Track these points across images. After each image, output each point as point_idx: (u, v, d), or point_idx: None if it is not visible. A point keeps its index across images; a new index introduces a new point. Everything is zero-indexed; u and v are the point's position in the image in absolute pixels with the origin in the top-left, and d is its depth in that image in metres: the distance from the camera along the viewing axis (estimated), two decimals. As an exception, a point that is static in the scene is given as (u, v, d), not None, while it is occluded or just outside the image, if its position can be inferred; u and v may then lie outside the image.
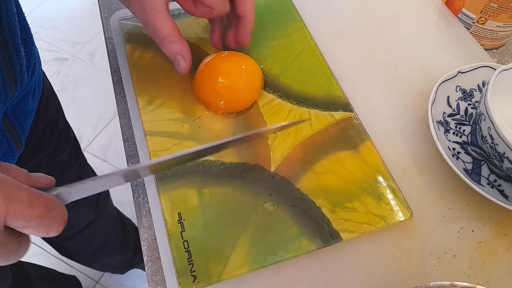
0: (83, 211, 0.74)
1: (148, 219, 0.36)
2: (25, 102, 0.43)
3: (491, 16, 0.48)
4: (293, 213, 0.35)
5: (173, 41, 0.36)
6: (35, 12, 1.65)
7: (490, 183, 0.38)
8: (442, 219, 0.37)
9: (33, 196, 0.22)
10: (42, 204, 0.22)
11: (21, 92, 0.41)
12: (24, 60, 0.38)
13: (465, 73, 0.42)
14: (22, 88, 0.40)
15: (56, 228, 0.23)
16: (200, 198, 0.35)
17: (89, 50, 1.54)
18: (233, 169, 0.37)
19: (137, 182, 0.38)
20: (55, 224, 0.23)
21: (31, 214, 0.22)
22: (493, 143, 0.35)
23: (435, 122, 0.39)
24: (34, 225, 0.22)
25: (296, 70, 0.44)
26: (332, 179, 0.37)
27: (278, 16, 0.48)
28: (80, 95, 1.42)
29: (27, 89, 0.43)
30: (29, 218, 0.22)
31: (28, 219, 0.22)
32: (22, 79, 0.39)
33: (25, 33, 0.40)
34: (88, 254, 0.87)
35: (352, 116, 0.41)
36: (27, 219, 0.22)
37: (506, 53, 0.53)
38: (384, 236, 0.35)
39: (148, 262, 0.34)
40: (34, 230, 0.23)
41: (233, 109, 0.40)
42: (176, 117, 0.39)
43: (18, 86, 0.38)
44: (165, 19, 0.35)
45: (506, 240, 0.36)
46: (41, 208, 0.22)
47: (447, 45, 0.49)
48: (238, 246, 0.33)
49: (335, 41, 0.48)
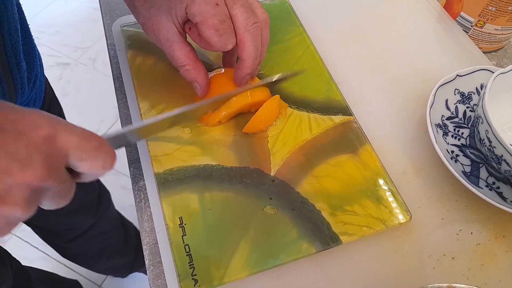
0: (84, 215, 0.75)
1: (150, 224, 0.36)
2: None
3: (489, 20, 0.49)
4: (293, 217, 0.35)
5: (188, 69, 0.36)
6: (37, 18, 1.66)
7: (489, 185, 0.38)
8: (441, 221, 0.37)
9: (86, 131, 0.24)
10: (95, 138, 0.25)
11: (21, 103, 0.41)
12: (25, 73, 0.39)
13: (463, 76, 0.43)
14: (22, 99, 0.41)
15: (110, 163, 0.25)
16: (201, 202, 0.35)
17: (91, 55, 1.55)
18: (234, 174, 0.37)
19: (139, 186, 0.38)
20: (108, 159, 0.25)
21: (88, 146, 0.24)
22: (491, 146, 0.35)
23: (434, 125, 0.40)
24: (91, 157, 0.24)
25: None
26: (332, 182, 0.37)
27: (278, 21, 0.49)
28: (82, 99, 1.43)
29: (28, 99, 0.43)
30: (87, 150, 0.24)
31: (86, 150, 0.24)
32: (23, 91, 0.39)
33: (29, 46, 0.41)
34: (89, 256, 0.88)
35: (351, 120, 0.41)
36: (86, 151, 0.24)
37: (504, 56, 0.53)
38: (384, 239, 0.36)
39: (150, 266, 0.34)
40: (92, 164, 0.25)
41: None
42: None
43: (18, 98, 0.39)
44: (179, 49, 0.35)
45: (505, 242, 0.36)
46: (95, 142, 0.25)
47: (445, 49, 0.50)
48: (238, 250, 0.33)
49: (334, 45, 0.49)
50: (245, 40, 0.34)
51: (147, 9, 0.35)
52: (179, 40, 0.35)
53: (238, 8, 0.34)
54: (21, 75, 0.38)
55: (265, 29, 0.36)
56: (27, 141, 0.21)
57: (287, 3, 0.51)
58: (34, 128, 0.22)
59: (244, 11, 0.34)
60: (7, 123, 0.21)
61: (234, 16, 0.34)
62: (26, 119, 0.22)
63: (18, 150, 0.21)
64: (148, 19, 0.35)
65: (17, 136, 0.21)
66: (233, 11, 0.34)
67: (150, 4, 0.35)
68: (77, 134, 0.24)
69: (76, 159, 0.24)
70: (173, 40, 0.35)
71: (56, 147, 0.22)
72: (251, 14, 0.34)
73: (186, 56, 0.35)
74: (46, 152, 0.22)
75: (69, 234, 0.78)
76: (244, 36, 0.34)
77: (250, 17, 0.34)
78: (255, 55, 0.35)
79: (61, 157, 0.23)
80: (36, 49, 0.43)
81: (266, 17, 0.36)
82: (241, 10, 0.34)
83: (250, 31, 0.34)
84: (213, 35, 0.33)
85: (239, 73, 0.36)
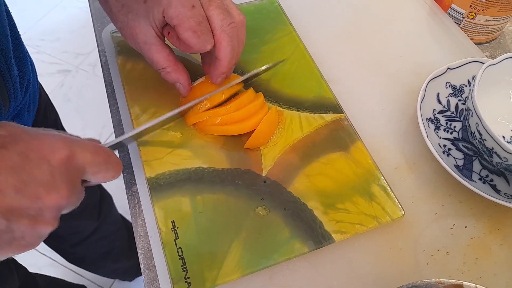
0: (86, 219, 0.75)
1: (144, 228, 0.36)
2: (21, 117, 0.44)
3: (480, 11, 0.48)
4: (285, 217, 0.35)
5: (169, 71, 0.37)
6: (37, 25, 1.68)
7: (482, 178, 0.38)
8: (435, 216, 0.37)
9: (95, 145, 0.27)
10: (104, 151, 0.27)
11: (15, 108, 0.42)
12: (17, 78, 0.39)
13: (454, 69, 0.43)
14: (16, 105, 0.41)
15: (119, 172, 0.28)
16: (193, 205, 0.36)
17: (91, 61, 1.56)
18: (225, 175, 0.37)
19: (133, 191, 0.38)
20: (117, 168, 0.28)
21: (100, 160, 0.26)
22: (482, 139, 0.35)
23: (425, 120, 0.40)
24: (104, 170, 0.27)
25: (286, 74, 0.44)
26: (324, 181, 0.37)
27: (267, 21, 0.49)
28: (84, 105, 1.44)
29: (22, 105, 0.44)
30: (99, 164, 0.26)
31: (99, 164, 0.26)
32: (15, 96, 0.40)
33: (19, 51, 0.41)
34: (94, 260, 0.89)
35: (342, 117, 0.41)
36: (99, 165, 0.26)
37: (498, 47, 0.53)
38: (377, 236, 0.35)
39: (145, 270, 0.35)
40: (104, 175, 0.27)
41: None
42: (168, 126, 0.40)
43: (12, 103, 0.39)
44: (158, 52, 0.36)
45: (500, 235, 0.36)
46: (105, 154, 0.27)
47: (437, 42, 0.50)
48: (231, 252, 0.34)
49: (324, 43, 0.49)
50: (222, 40, 0.35)
51: (124, 14, 0.35)
52: (158, 43, 0.35)
53: (214, 9, 0.34)
54: (13, 80, 0.38)
55: (241, 30, 0.37)
56: (50, 166, 0.23)
57: (276, 2, 0.51)
58: (53, 152, 0.24)
59: (220, 12, 0.34)
60: (29, 152, 0.23)
61: (211, 17, 0.34)
62: (45, 144, 0.24)
63: (42, 175, 0.23)
64: (126, 24, 0.36)
65: (40, 161, 0.23)
66: (209, 12, 0.34)
67: (128, 9, 0.35)
68: (89, 150, 0.26)
69: (91, 174, 0.26)
70: (151, 43, 0.35)
71: (74, 166, 0.25)
72: (227, 15, 0.35)
73: (166, 58, 0.36)
74: (67, 173, 0.24)
75: (73, 238, 0.79)
76: (221, 36, 0.35)
77: (226, 18, 0.35)
78: (231, 55, 0.36)
79: (79, 174, 0.25)
80: (27, 55, 0.44)
81: (242, 18, 0.37)
82: (217, 11, 0.34)
83: (226, 32, 0.35)
84: (191, 36, 0.33)
85: (215, 72, 0.37)
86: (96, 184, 0.29)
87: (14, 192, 0.22)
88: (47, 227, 0.24)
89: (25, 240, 0.24)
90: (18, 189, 0.22)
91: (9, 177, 0.22)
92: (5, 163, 0.22)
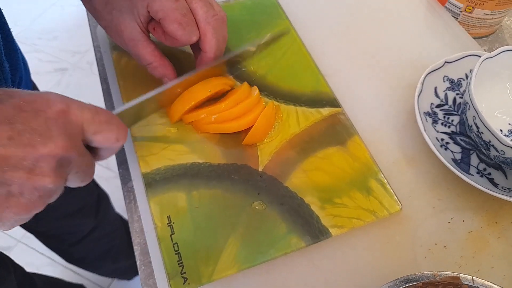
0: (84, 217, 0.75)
1: (139, 224, 0.36)
2: None
3: (478, 4, 0.48)
4: (282, 211, 0.35)
5: (155, 66, 0.37)
6: (35, 24, 1.67)
7: (480, 172, 0.38)
8: (432, 210, 0.36)
9: (96, 107, 0.27)
10: (105, 112, 0.27)
11: None
12: (8, 74, 0.39)
13: (452, 63, 0.42)
14: None
15: (123, 135, 0.28)
16: (189, 200, 0.35)
17: (88, 58, 1.56)
18: (221, 171, 0.37)
19: (128, 187, 0.38)
20: (120, 131, 0.28)
21: (99, 119, 0.26)
22: (479, 132, 0.35)
23: (423, 114, 0.39)
24: (105, 129, 0.27)
25: (283, 68, 0.44)
26: (321, 175, 0.37)
27: (264, 16, 0.48)
28: (82, 103, 1.43)
29: None
30: (99, 123, 0.26)
31: (98, 123, 0.26)
32: None
33: (10, 48, 0.41)
34: (94, 259, 0.88)
35: (339, 111, 0.41)
36: (98, 124, 0.26)
37: (496, 41, 0.53)
38: (374, 230, 0.35)
39: (141, 266, 0.35)
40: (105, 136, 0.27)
41: None
42: (163, 122, 0.39)
43: None
44: (143, 47, 0.36)
45: (497, 228, 0.36)
46: (106, 115, 0.27)
47: (435, 36, 0.49)
48: (227, 247, 0.33)
49: (321, 37, 0.48)
50: (207, 32, 0.35)
51: (109, 12, 0.35)
52: (143, 39, 0.36)
53: (198, 2, 0.35)
54: (5, 76, 0.38)
55: (224, 25, 0.37)
56: (45, 117, 0.23)
57: (273, -3, 0.50)
58: (49, 105, 0.24)
59: (203, 4, 0.35)
60: (24, 104, 0.23)
61: (194, 10, 0.35)
62: (41, 98, 0.24)
63: (38, 125, 0.23)
64: (110, 22, 0.36)
65: (35, 113, 0.23)
66: (193, 5, 0.35)
67: (112, 6, 0.35)
68: (88, 109, 0.26)
69: (90, 133, 0.26)
70: (137, 39, 0.35)
71: (71, 120, 0.25)
72: (210, 8, 0.35)
73: (152, 53, 0.36)
74: (63, 125, 0.24)
75: (71, 238, 0.78)
76: (206, 28, 0.35)
77: (210, 10, 0.35)
78: (216, 47, 0.36)
79: (77, 130, 0.25)
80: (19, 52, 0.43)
81: (223, 14, 0.37)
82: (201, 4, 0.35)
83: (210, 24, 0.35)
84: (177, 29, 0.34)
85: (201, 64, 0.38)
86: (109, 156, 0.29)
87: (7, 141, 0.22)
88: (45, 180, 0.23)
89: (24, 197, 0.23)
90: (11, 138, 0.22)
91: (3, 127, 0.22)
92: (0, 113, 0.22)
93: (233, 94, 0.39)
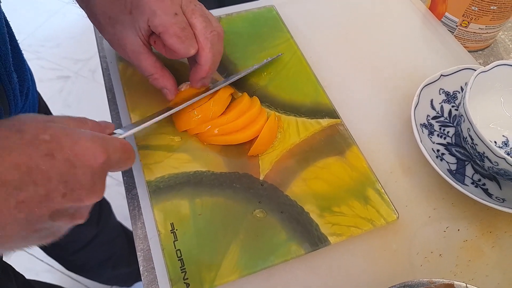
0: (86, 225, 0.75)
1: (143, 231, 0.37)
2: None
3: (473, 19, 0.50)
4: (282, 219, 0.36)
5: (156, 78, 0.39)
6: (38, 32, 1.69)
7: (475, 182, 0.39)
8: (428, 219, 0.37)
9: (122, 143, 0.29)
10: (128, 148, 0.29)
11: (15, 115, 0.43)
12: (17, 85, 0.40)
13: (447, 76, 0.44)
14: (16, 112, 0.42)
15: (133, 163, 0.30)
16: (192, 208, 0.36)
17: (90, 66, 1.57)
18: (223, 179, 0.38)
19: (132, 195, 0.39)
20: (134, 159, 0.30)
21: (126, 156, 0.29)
22: (473, 143, 0.36)
23: (419, 125, 0.41)
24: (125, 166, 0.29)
25: (284, 80, 0.45)
26: (320, 184, 0.38)
27: (265, 28, 0.50)
28: (84, 110, 1.44)
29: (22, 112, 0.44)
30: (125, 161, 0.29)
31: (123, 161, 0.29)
32: (16, 103, 0.41)
33: (18, 59, 0.42)
34: (94, 267, 0.89)
35: (338, 122, 0.42)
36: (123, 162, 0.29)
37: (491, 54, 0.54)
38: (372, 238, 0.36)
39: (144, 272, 0.35)
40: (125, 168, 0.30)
41: None
42: (167, 131, 0.40)
43: (12, 110, 0.40)
44: (145, 59, 0.38)
45: (491, 238, 0.37)
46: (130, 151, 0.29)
47: (432, 49, 0.51)
48: (229, 253, 0.34)
49: (321, 49, 0.50)
50: (204, 46, 0.37)
51: (112, 25, 0.37)
52: (145, 52, 0.37)
53: (197, 17, 0.36)
54: (13, 87, 0.39)
55: (220, 41, 0.39)
56: (91, 172, 0.26)
57: (274, 10, 0.52)
58: (96, 158, 0.26)
59: (202, 20, 0.37)
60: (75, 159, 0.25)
61: (194, 24, 0.36)
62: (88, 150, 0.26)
63: (86, 181, 0.25)
64: (113, 35, 0.38)
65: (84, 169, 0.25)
66: (192, 20, 0.36)
67: (115, 20, 0.37)
68: (119, 150, 0.28)
69: (116, 168, 0.29)
70: (139, 52, 0.37)
71: (109, 167, 0.28)
72: (208, 23, 0.37)
73: (153, 65, 0.38)
74: (103, 175, 0.27)
75: (73, 246, 0.79)
76: (204, 43, 0.37)
77: (208, 25, 0.37)
78: (212, 61, 0.38)
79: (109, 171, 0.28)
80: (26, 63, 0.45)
81: (220, 30, 0.39)
82: (200, 19, 0.36)
83: (208, 38, 0.37)
84: (176, 42, 0.35)
85: (195, 76, 0.39)
86: None
87: (61, 198, 0.24)
88: (81, 221, 0.27)
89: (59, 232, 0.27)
90: (65, 195, 0.24)
91: (59, 185, 0.24)
92: (54, 171, 0.24)
93: (236, 106, 0.40)
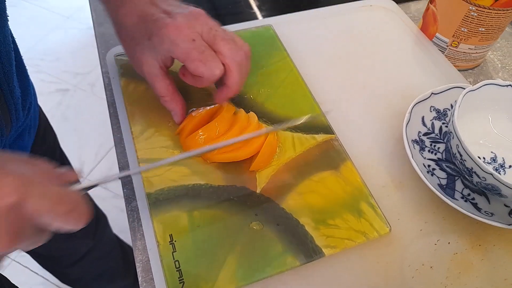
0: (82, 239, 0.76)
1: (142, 242, 0.38)
2: (22, 139, 0.45)
3: (463, 40, 0.52)
4: (278, 231, 0.37)
5: (167, 100, 0.40)
6: (38, 45, 1.71)
7: (464, 197, 0.40)
8: (420, 232, 0.39)
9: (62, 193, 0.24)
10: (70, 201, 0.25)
11: (17, 130, 0.44)
12: (19, 100, 0.41)
13: (438, 94, 0.45)
14: (18, 126, 0.43)
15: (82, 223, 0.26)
16: (190, 220, 0.37)
17: (90, 80, 1.59)
18: (221, 192, 0.39)
19: (132, 207, 0.40)
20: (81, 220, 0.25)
21: (61, 209, 0.24)
22: (462, 159, 0.37)
23: (411, 141, 0.42)
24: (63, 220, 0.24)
25: (280, 96, 0.47)
26: (315, 198, 0.39)
27: (262, 47, 0.52)
28: (82, 124, 1.46)
29: (23, 127, 0.46)
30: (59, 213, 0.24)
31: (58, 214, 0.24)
32: (17, 118, 0.42)
33: (22, 75, 0.43)
34: (89, 281, 0.89)
35: (333, 138, 0.44)
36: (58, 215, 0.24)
37: (481, 73, 0.56)
38: (365, 250, 0.37)
39: (142, 283, 0.36)
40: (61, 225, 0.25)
41: None
42: (167, 145, 0.42)
43: (13, 125, 0.41)
44: (159, 81, 0.39)
45: (481, 251, 0.38)
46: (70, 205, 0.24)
47: (423, 68, 0.53)
48: (226, 264, 0.35)
49: (317, 68, 0.51)
50: (232, 68, 0.38)
51: (132, 47, 0.39)
52: (160, 74, 0.39)
53: (220, 41, 0.37)
54: (15, 102, 0.40)
55: (248, 60, 0.40)
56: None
57: (272, 29, 0.54)
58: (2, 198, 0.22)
59: (226, 43, 0.37)
60: None
61: (219, 48, 0.37)
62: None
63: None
64: (133, 54, 0.39)
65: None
66: (216, 45, 0.37)
67: (135, 42, 0.39)
68: (49, 198, 0.24)
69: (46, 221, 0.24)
70: (155, 74, 0.39)
71: (23, 214, 0.23)
72: (234, 45, 0.38)
73: (166, 88, 0.39)
74: (12, 221, 0.22)
75: (68, 259, 0.79)
76: (232, 65, 0.37)
77: (233, 47, 0.37)
78: (240, 82, 0.39)
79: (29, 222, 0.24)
80: (29, 78, 0.46)
81: (247, 49, 0.39)
82: (223, 43, 0.37)
83: (236, 60, 0.38)
84: (198, 66, 0.36)
85: (222, 96, 0.40)
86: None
87: None
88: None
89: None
90: None
91: None
92: None
93: (235, 125, 0.41)
